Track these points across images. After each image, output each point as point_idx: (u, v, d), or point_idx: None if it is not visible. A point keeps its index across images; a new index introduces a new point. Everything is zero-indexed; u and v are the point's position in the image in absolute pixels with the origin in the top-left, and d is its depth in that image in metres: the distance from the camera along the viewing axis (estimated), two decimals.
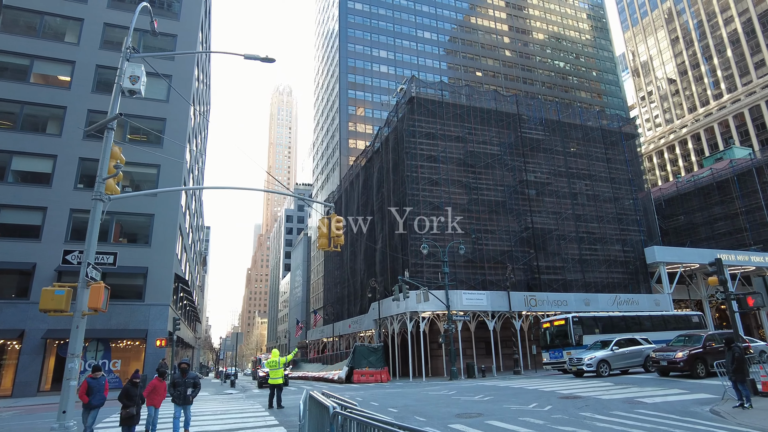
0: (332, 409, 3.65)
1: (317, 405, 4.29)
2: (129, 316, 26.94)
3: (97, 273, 8.17)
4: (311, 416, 4.43)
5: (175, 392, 9.13)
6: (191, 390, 9.19)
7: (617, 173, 41.16)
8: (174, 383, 9.23)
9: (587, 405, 12.19)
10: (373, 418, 3.01)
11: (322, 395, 4.87)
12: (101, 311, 8.18)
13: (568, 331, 25.22)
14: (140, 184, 31.49)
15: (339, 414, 3.41)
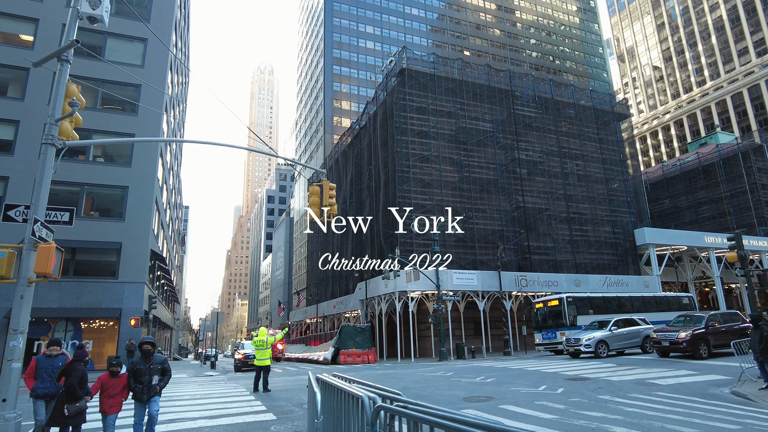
0: (370, 401, 2.48)
1: (336, 395, 3.11)
2: (101, 294, 25.29)
3: (48, 233, 6.75)
4: (324, 411, 3.25)
5: (137, 385, 6.73)
6: (158, 378, 6.95)
7: (608, 154, 40.57)
8: (134, 372, 6.77)
9: (600, 387, 11.33)
10: (450, 416, 1.82)
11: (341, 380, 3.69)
12: (52, 278, 6.78)
13: (563, 311, 24.58)
14: (114, 157, 29.52)
15: (386, 410, 2.23)
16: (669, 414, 7.89)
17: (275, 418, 8.58)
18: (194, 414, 9.27)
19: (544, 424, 7.33)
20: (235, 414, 9.15)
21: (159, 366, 7.05)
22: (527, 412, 8.37)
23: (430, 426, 1.94)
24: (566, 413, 8.18)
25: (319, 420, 2.78)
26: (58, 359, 6.96)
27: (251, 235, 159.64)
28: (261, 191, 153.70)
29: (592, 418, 7.64)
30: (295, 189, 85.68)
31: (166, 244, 41.43)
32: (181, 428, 7.94)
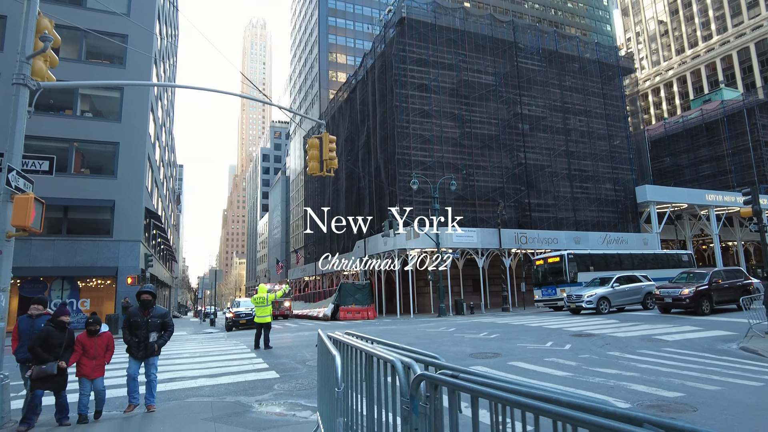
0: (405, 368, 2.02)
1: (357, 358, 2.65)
2: (96, 252, 24.88)
3: (26, 183, 6.16)
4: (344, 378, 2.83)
5: (132, 338, 6.11)
6: (157, 335, 6.21)
7: (612, 110, 39.57)
8: (131, 324, 6.15)
9: (608, 343, 11.15)
10: (507, 386, 1.34)
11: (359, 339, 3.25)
12: (32, 231, 6.25)
13: (563, 268, 24.47)
14: (103, 112, 28.41)
15: (431, 381, 1.76)
16: (685, 371, 7.65)
17: (278, 377, 8.31)
18: (194, 372, 9.00)
19: (559, 382, 7.06)
20: (236, 372, 8.89)
21: (159, 320, 6.32)
22: (539, 369, 8.13)
23: (501, 405, 1.47)
24: (579, 370, 7.94)
25: (340, 389, 2.32)
26: (40, 320, 6.07)
27: (247, 195, 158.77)
28: (256, 150, 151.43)
29: (607, 376, 7.39)
30: (291, 147, 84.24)
31: (161, 203, 40.79)
32: (181, 387, 7.65)
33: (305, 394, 6.87)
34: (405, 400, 1.94)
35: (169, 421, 5.48)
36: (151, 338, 6.22)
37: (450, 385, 1.67)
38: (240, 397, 6.81)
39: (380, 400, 2.24)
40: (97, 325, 6.00)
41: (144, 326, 6.21)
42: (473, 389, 1.54)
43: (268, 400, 6.59)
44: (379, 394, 2.27)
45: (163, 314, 6.47)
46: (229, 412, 5.81)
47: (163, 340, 6.39)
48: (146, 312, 6.28)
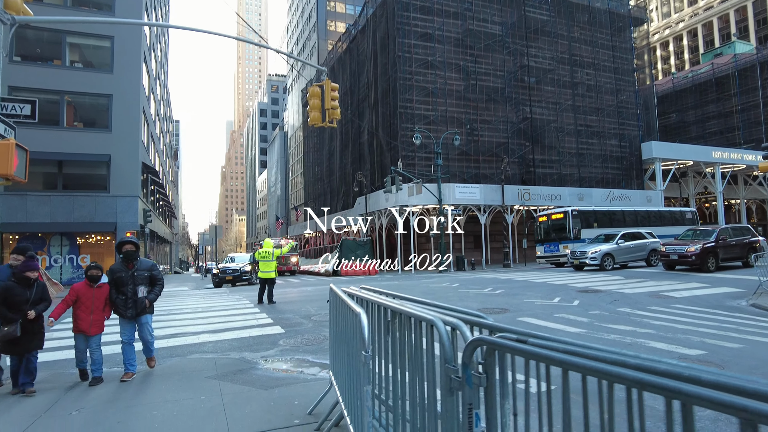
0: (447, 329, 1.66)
1: (383, 317, 2.30)
2: (94, 208, 24.53)
3: (7, 129, 5.67)
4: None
5: (118, 296, 5.45)
6: (145, 289, 5.55)
7: (621, 63, 38.20)
8: (115, 281, 5.47)
9: (616, 300, 10.97)
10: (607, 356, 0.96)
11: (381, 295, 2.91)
12: (16, 180, 5.83)
13: (567, 224, 24.21)
14: (94, 62, 27.26)
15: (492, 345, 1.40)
16: (701, 328, 7.44)
17: (283, 332, 8.11)
18: (197, 328, 8.81)
19: (573, 338, 6.84)
20: (240, 328, 8.70)
21: (146, 273, 5.60)
22: (551, 325, 7.93)
23: (580, 373, 1.12)
24: (592, 326, 7.74)
25: (368, 353, 1.98)
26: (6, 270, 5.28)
27: (245, 151, 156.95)
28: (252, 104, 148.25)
29: (622, 332, 7.18)
30: (288, 101, 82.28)
31: (158, 158, 40.08)
32: (183, 344, 7.44)
33: (312, 350, 6.66)
34: (451, 368, 1.59)
35: (171, 379, 5.25)
36: (139, 293, 5.54)
37: (521, 353, 1.30)
38: (245, 353, 6.60)
39: (416, 367, 1.89)
40: (98, 270, 5.47)
41: (130, 281, 5.52)
42: (557, 359, 1.17)
43: (273, 356, 6.38)
44: (414, 359, 1.92)
45: (150, 266, 5.75)
46: (233, 370, 5.59)
47: (153, 294, 5.69)
48: (130, 265, 5.58)
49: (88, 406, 4.43)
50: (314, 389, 4.61)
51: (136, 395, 4.68)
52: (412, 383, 1.89)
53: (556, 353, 1.19)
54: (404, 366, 1.99)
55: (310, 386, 4.75)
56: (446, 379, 1.63)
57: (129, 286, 5.51)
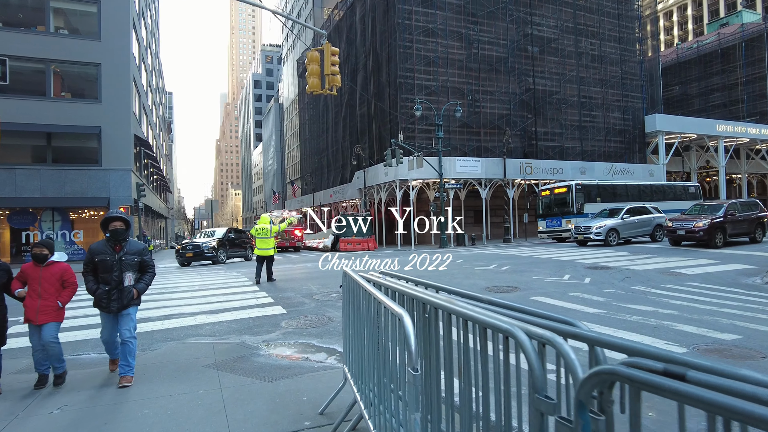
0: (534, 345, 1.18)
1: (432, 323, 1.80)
2: (86, 182, 23.83)
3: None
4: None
5: (100, 286, 4.51)
6: (133, 276, 4.59)
7: (626, 32, 37.05)
8: (96, 265, 4.53)
9: (628, 277, 10.61)
10: None
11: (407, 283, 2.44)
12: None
13: (570, 199, 23.78)
14: (80, 29, 26.06)
15: (627, 380, 0.93)
16: (725, 308, 7.06)
17: (285, 312, 7.69)
18: (193, 308, 8.37)
19: (594, 320, 6.46)
20: (239, 308, 8.27)
21: (135, 258, 4.62)
22: (566, 305, 7.53)
23: None
24: (610, 307, 7.35)
25: (417, 371, 1.50)
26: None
27: (240, 124, 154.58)
28: (247, 76, 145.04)
29: (644, 313, 6.79)
30: (283, 72, 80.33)
31: (151, 131, 39.09)
32: (179, 326, 7.01)
33: (316, 333, 6.25)
34: (544, 401, 1.12)
35: (166, 368, 4.82)
36: (126, 280, 4.52)
37: (679, 396, 0.83)
38: (245, 337, 6.18)
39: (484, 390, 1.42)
40: (44, 248, 4.53)
41: (117, 266, 4.50)
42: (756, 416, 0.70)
43: (276, 340, 5.96)
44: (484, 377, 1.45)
45: (141, 250, 4.74)
46: (233, 356, 5.16)
47: (143, 283, 4.71)
48: (117, 247, 4.55)
49: (72, 402, 4.00)
50: (323, 381, 4.19)
51: (127, 389, 4.25)
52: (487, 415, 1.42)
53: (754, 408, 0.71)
54: (470, 384, 1.51)
55: (318, 378, 4.33)
56: (535, 415, 1.16)
57: (114, 272, 4.48)
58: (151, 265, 4.83)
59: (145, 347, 5.91)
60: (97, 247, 4.58)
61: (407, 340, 1.51)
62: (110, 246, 4.55)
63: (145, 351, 5.71)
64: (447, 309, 1.59)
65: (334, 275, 12.80)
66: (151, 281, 4.84)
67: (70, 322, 7.41)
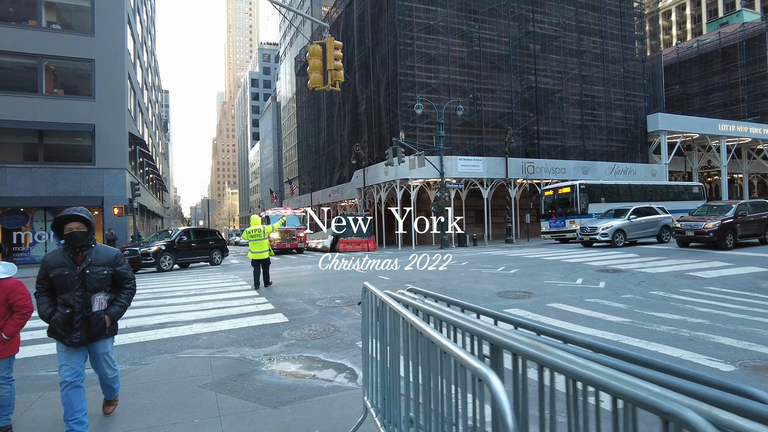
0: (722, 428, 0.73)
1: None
2: (79, 181, 23.27)
3: None
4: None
5: (59, 309, 3.31)
6: (105, 298, 3.45)
7: (628, 30, 36.67)
8: (52, 282, 3.33)
9: (643, 281, 10.18)
10: None
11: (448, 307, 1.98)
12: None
13: (574, 199, 23.37)
14: (73, 24, 25.49)
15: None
16: (756, 317, 6.62)
17: (287, 320, 7.21)
18: (189, 315, 7.88)
19: (620, 330, 6.01)
20: (238, 315, 7.78)
21: (105, 270, 3.39)
22: (587, 313, 7.08)
23: None
24: (633, 315, 6.90)
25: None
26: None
27: (237, 123, 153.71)
28: (243, 75, 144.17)
29: (672, 323, 6.34)
30: (281, 70, 79.70)
31: (146, 129, 38.48)
32: (174, 336, 6.52)
33: (322, 345, 5.76)
34: None
35: (158, 389, 4.32)
36: (95, 303, 3.34)
37: None
38: (245, 349, 5.69)
39: None
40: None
41: (77, 283, 3.29)
42: None
43: (278, 353, 5.48)
44: None
45: (113, 259, 3.47)
46: (233, 374, 4.68)
47: (118, 306, 3.48)
48: (78, 256, 3.33)
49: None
50: (336, 408, 3.71)
51: (112, 418, 3.75)
52: None
53: None
54: None
55: (329, 403, 3.84)
56: None
57: (76, 291, 3.28)
58: (128, 278, 3.54)
59: (137, 361, 5.43)
60: (53, 259, 3.32)
61: (502, 417, 1.03)
62: (68, 255, 3.30)
63: (136, 366, 5.23)
64: (554, 365, 1.11)
65: (336, 278, 12.33)
66: (130, 301, 3.58)
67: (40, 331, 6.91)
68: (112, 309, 3.45)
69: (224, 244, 21.05)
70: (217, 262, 20.32)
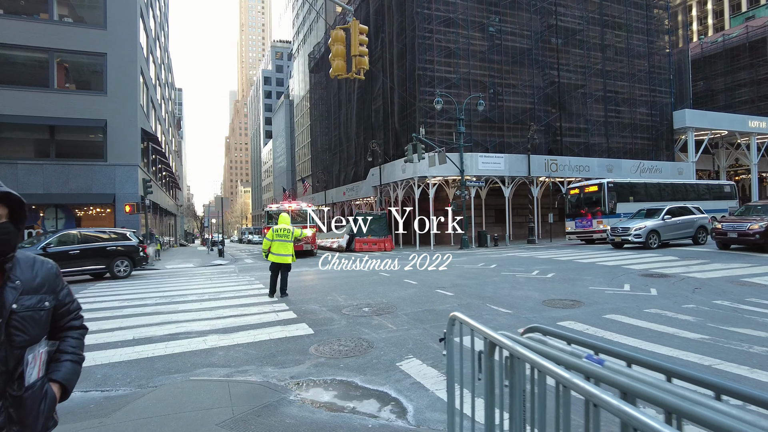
0: None
1: None
2: (90, 178, 22.77)
3: None
4: None
5: None
6: (43, 350, 1.69)
7: (654, 23, 35.34)
8: None
9: (697, 288, 9.22)
10: None
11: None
12: None
13: (602, 197, 22.32)
14: (85, 17, 25.02)
15: None
16: None
17: (312, 333, 6.42)
18: (203, 325, 7.12)
19: (702, 350, 5.11)
20: (256, 325, 7.01)
21: (43, 300, 1.70)
22: (653, 327, 6.17)
23: None
24: (708, 330, 5.98)
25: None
26: None
27: (249, 121, 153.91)
28: (256, 73, 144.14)
29: (763, 341, 5.42)
30: (294, 68, 79.18)
31: (159, 126, 38.06)
32: (186, 350, 5.76)
33: (356, 366, 4.95)
34: None
35: (166, 426, 3.54)
36: (30, 369, 1.63)
37: None
38: (267, 369, 4.91)
39: None
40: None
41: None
42: None
43: (307, 376, 4.68)
44: None
45: (53, 276, 1.79)
46: (256, 406, 3.88)
47: (68, 361, 1.79)
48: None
49: None
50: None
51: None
52: None
53: None
54: None
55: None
56: None
57: None
58: (74, 312, 1.90)
59: (144, 382, 4.67)
60: None
61: None
62: None
63: (142, 388, 4.47)
64: None
65: (359, 282, 11.53)
66: (83, 348, 1.91)
67: None
68: (60, 370, 1.76)
69: (137, 249, 16.01)
70: (122, 273, 15.40)
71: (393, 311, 7.69)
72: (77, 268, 14.71)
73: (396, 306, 8.11)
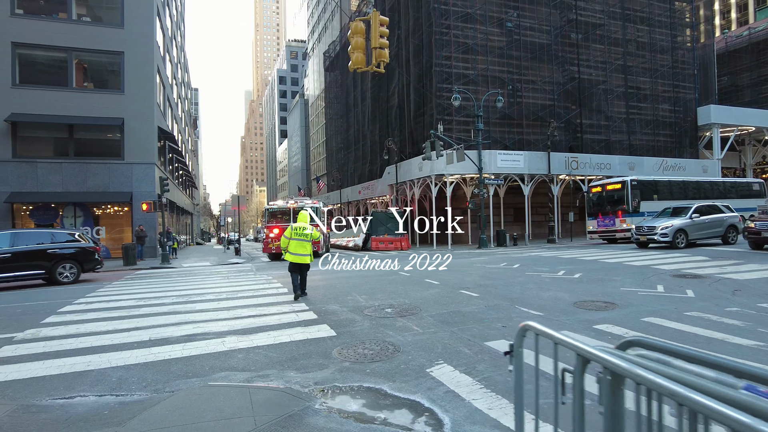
0: None
1: None
2: (108, 176, 22.89)
3: None
4: None
5: None
6: None
7: (677, 17, 34.38)
8: None
9: (737, 290, 8.72)
10: None
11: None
12: None
13: (625, 196, 21.70)
14: (103, 17, 25.17)
15: None
16: None
17: (334, 335, 6.13)
18: (221, 325, 6.90)
19: (757, 358, 4.69)
20: (276, 326, 6.75)
21: None
22: (699, 332, 5.75)
23: None
24: (760, 336, 5.54)
25: None
26: None
27: (264, 120, 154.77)
28: (271, 73, 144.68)
29: None
30: (309, 67, 79.21)
31: (176, 125, 38.26)
32: (204, 352, 5.52)
33: (383, 371, 4.65)
34: None
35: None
36: None
37: None
38: (289, 374, 4.64)
39: None
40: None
41: None
42: None
43: (332, 382, 4.39)
44: None
45: None
46: (280, 415, 3.60)
47: None
48: None
49: None
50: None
51: None
52: None
53: None
54: None
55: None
56: None
57: None
58: None
59: (160, 387, 4.43)
60: None
61: None
62: None
63: (158, 393, 4.23)
64: None
65: (379, 282, 11.25)
66: None
67: (55, 342, 6.02)
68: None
69: (87, 251, 14.35)
70: (67, 279, 13.76)
71: (417, 312, 7.38)
72: (8, 274, 12.85)
73: (419, 307, 7.79)
